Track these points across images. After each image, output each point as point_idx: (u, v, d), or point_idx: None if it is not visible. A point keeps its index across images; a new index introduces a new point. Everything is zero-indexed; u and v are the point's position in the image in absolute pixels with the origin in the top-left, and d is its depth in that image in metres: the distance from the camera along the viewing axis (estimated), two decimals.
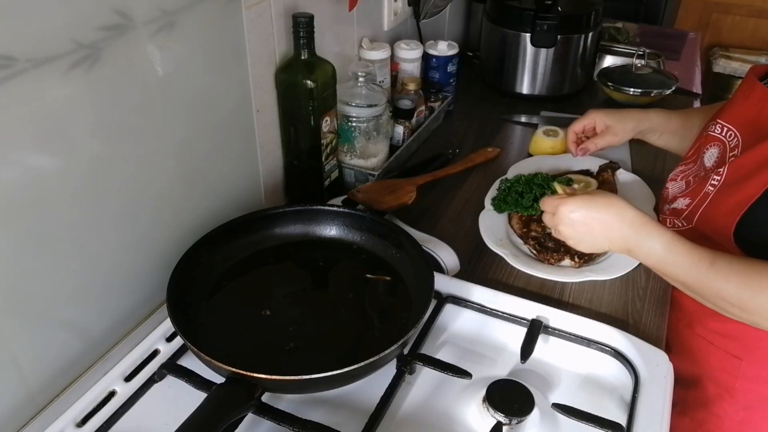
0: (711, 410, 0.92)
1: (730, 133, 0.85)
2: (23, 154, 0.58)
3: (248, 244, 0.84)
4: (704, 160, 0.89)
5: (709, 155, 0.88)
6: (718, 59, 3.04)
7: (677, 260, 0.73)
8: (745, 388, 0.89)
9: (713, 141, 0.88)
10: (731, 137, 0.84)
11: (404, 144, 1.17)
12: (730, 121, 0.86)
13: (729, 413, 0.91)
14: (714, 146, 0.88)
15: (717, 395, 0.91)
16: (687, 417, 0.94)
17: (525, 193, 1.01)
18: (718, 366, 0.91)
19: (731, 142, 0.84)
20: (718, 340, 0.90)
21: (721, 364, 0.90)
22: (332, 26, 1.06)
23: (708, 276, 0.72)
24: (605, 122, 1.08)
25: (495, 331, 0.79)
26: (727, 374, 0.90)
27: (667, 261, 0.74)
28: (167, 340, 0.75)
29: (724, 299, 0.72)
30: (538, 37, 1.35)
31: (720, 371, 0.91)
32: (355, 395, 0.70)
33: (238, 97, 0.87)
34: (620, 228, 0.76)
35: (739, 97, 0.87)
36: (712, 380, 0.92)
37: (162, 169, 0.76)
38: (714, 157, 0.87)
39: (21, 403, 0.65)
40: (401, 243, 0.83)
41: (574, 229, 0.78)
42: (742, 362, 0.88)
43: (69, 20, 0.58)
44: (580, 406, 0.67)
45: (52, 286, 0.65)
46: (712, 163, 0.87)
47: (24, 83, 0.56)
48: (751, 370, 0.88)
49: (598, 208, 0.77)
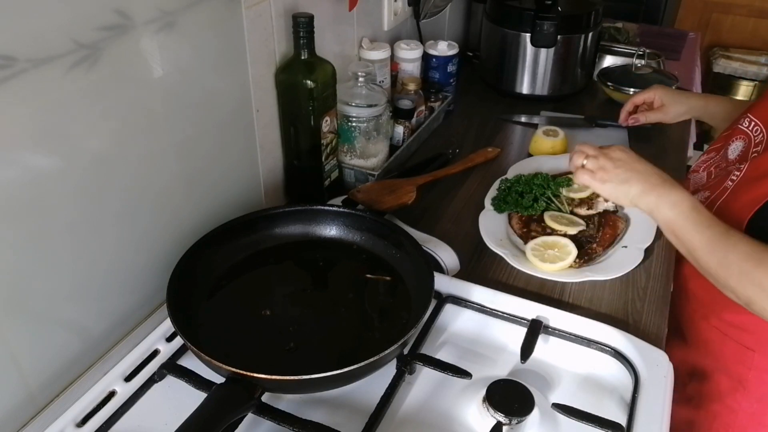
0: (725, 403, 0.94)
1: (757, 128, 0.87)
2: (23, 154, 0.58)
3: (248, 244, 0.84)
4: (728, 152, 0.91)
5: (734, 148, 0.90)
6: (718, 59, 3.04)
7: (698, 218, 0.77)
8: (759, 379, 0.90)
9: (740, 134, 0.91)
10: (757, 132, 0.86)
11: (404, 144, 1.17)
12: (759, 116, 0.88)
13: (743, 405, 0.92)
14: (739, 139, 0.90)
15: (731, 388, 0.93)
16: (702, 410, 0.96)
17: (525, 193, 1.01)
18: (732, 358, 0.92)
19: (756, 137, 0.86)
20: (732, 331, 0.91)
21: (735, 355, 0.91)
22: (332, 26, 1.06)
23: (720, 239, 0.75)
24: (663, 100, 1.15)
25: (495, 331, 0.79)
26: (741, 366, 0.91)
27: (688, 216, 0.77)
28: (167, 340, 0.75)
29: (727, 266, 0.74)
30: (538, 37, 1.35)
31: (734, 363, 0.92)
32: (355, 395, 0.70)
33: (238, 97, 0.87)
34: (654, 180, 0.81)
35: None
36: (726, 373, 0.93)
37: (162, 169, 0.76)
38: (738, 150, 0.89)
39: (21, 403, 0.65)
40: (401, 243, 0.83)
41: (618, 167, 0.83)
42: (755, 354, 0.90)
43: (69, 20, 0.58)
44: (580, 406, 0.67)
45: (52, 285, 0.65)
46: (735, 156, 0.89)
47: (24, 83, 0.56)
48: (764, 362, 0.89)
49: (641, 161, 0.84)
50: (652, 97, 1.18)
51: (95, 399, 0.67)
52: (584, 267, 0.92)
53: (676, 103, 1.15)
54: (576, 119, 1.37)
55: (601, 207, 1.02)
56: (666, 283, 0.91)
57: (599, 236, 0.96)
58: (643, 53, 1.50)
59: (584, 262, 0.92)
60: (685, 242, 0.78)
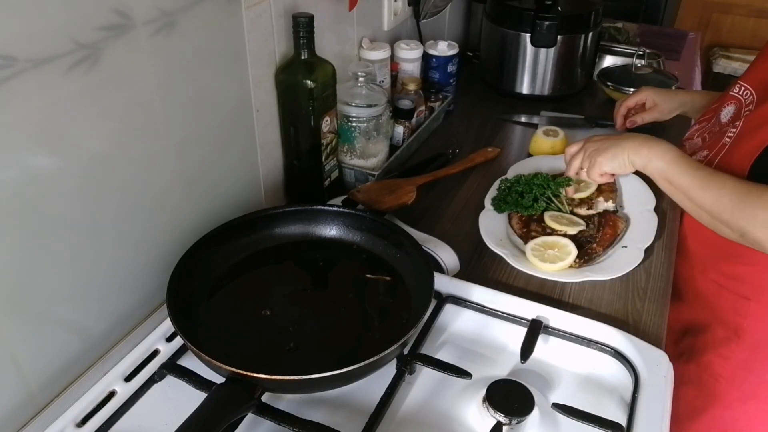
0: (718, 352, 0.98)
1: (747, 92, 0.93)
2: (23, 153, 0.58)
3: (248, 244, 0.84)
4: (720, 117, 0.96)
5: (726, 112, 0.96)
6: (718, 59, 3.04)
7: (687, 162, 0.87)
8: (753, 327, 0.95)
9: (731, 100, 0.97)
10: (747, 95, 0.92)
11: (404, 144, 1.17)
12: (748, 81, 0.95)
13: (735, 353, 0.97)
14: (731, 104, 0.96)
15: (725, 337, 0.98)
16: (693, 363, 1.01)
17: (525, 193, 1.01)
18: (729, 308, 0.97)
19: (747, 99, 0.92)
20: (729, 283, 0.97)
21: (731, 305, 0.97)
22: (332, 26, 1.06)
23: (710, 179, 0.84)
24: (654, 100, 1.19)
25: (495, 331, 0.79)
26: (737, 315, 0.96)
27: (678, 162, 0.87)
28: (167, 340, 0.75)
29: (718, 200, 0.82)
30: (538, 37, 1.35)
31: (730, 313, 0.97)
32: (355, 395, 0.70)
33: (238, 97, 0.87)
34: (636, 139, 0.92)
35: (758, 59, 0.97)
36: (721, 323, 0.99)
37: (162, 168, 0.76)
38: (730, 113, 0.94)
39: (21, 403, 0.65)
40: (401, 243, 0.83)
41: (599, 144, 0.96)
42: (750, 302, 0.95)
43: (69, 20, 0.58)
44: (580, 406, 0.67)
45: (52, 285, 0.65)
46: (728, 119, 0.94)
47: (24, 83, 0.56)
48: (759, 310, 0.94)
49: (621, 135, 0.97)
50: (643, 98, 1.21)
51: (95, 399, 0.67)
52: (584, 267, 0.92)
53: (667, 100, 1.20)
54: (576, 119, 1.37)
55: (601, 207, 1.02)
56: (666, 283, 0.91)
57: (599, 236, 0.96)
58: (643, 53, 1.50)
59: (584, 262, 0.92)
60: (679, 186, 0.86)
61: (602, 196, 1.03)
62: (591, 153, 0.96)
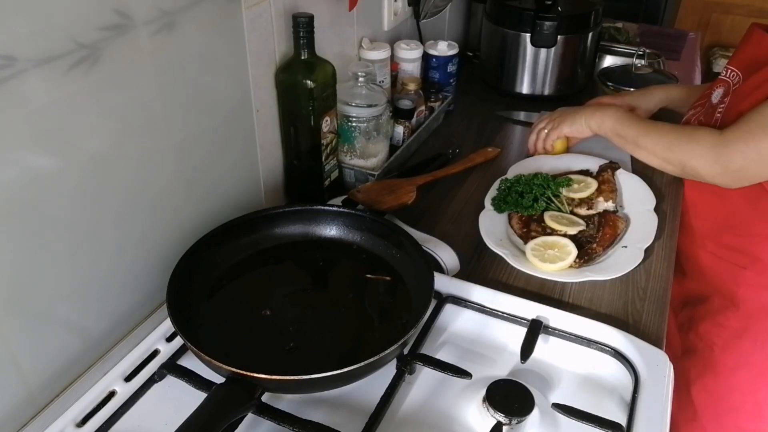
0: (715, 320, 1.03)
1: (734, 73, 1.00)
2: (23, 153, 0.58)
3: (248, 244, 0.84)
4: (711, 99, 1.02)
5: (716, 95, 1.02)
6: (718, 59, 3.04)
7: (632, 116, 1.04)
8: (747, 295, 1.01)
9: (720, 83, 1.02)
10: (734, 77, 0.99)
11: (404, 144, 1.17)
12: (735, 64, 1.00)
13: (730, 320, 1.02)
14: (720, 87, 1.02)
15: (722, 306, 1.02)
16: (692, 332, 1.05)
17: (525, 193, 1.01)
18: (725, 277, 1.03)
19: (734, 80, 0.98)
20: (726, 254, 1.03)
21: (728, 275, 1.03)
22: (332, 26, 1.06)
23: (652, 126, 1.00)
24: (630, 104, 1.20)
25: (495, 331, 0.79)
26: (732, 284, 1.02)
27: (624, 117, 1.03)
28: (167, 340, 0.75)
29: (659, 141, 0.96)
30: (538, 37, 1.35)
31: (726, 282, 1.03)
32: (355, 395, 0.70)
33: (238, 97, 0.87)
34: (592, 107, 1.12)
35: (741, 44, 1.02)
36: (718, 292, 1.05)
37: (162, 169, 0.76)
38: (719, 95, 1.01)
39: (21, 403, 0.65)
40: (401, 243, 0.83)
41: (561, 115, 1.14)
42: (746, 271, 1.01)
43: (69, 20, 0.58)
44: (580, 406, 0.67)
45: (52, 285, 0.65)
46: (718, 100, 1.00)
47: (24, 83, 0.56)
48: (754, 278, 1.00)
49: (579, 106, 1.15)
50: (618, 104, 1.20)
51: (95, 399, 0.67)
52: (584, 267, 0.92)
53: (645, 102, 1.22)
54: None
55: (601, 207, 1.02)
56: (666, 283, 0.91)
57: (599, 236, 0.96)
58: (643, 53, 1.50)
59: (584, 262, 0.92)
60: (628, 136, 1.00)
61: (602, 196, 1.03)
62: (554, 119, 1.13)
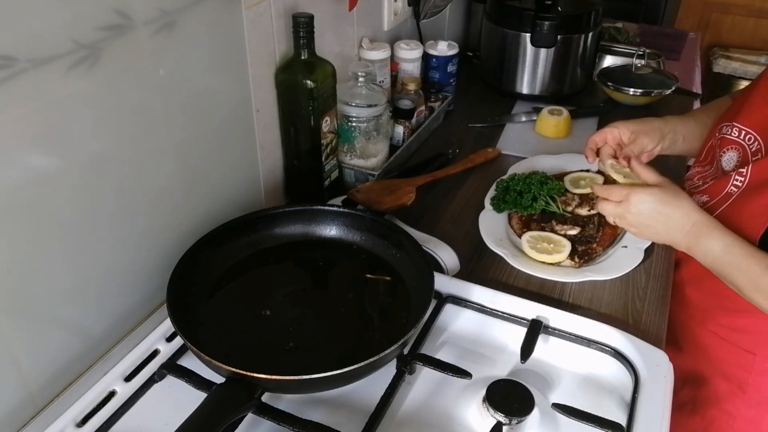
0: (722, 408, 0.93)
1: (750, 136, 0.84)
2: (23, 154, 0.58)
3: (248, 244, 0.84)
4: (722, 164, 0.88)
5: (728, 159, 0.87)
6: (718, 59, 3.04)
7: (734, 261, 0.77)
8: (758, 383, 0.90)
9: (730, 144, 0.87)
10: (751, 141, 0.84)
11: (404, 144, 1.17)
12: (750, 125, 0.85)
13: (741, 410, 0.92)
14: (732, 150, 0.87)
15: (729, 392, 0.92)
16: (698, 416, 0.95)
17: (524, 193, 1.01)
18: (732, 362, 0.91)
19: (752, 146, 0.84)
20: (730, 335, 0.91)
21: (734, 359, 0.91)
22: (332, 26, 1.06)
23: (762, 278, 0.75)
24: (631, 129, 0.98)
25: (495, 331, 0.79)
26: (741, 370, 0.90)
27: (724, 261, 0.78)
28: (167, 340, 0.75)
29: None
30: (538, 37, 1.35)
31: (733, 367, 0.91)
32: (355, 395, 0.70)
33: (238, 97, 0.87)
34: (683, 227, 0.80)
35: (758, 101, 0.85)
36: (724, 377, 0.92)
37: (162, 169, 0.76)
38: (733, 160, 0.86)
39: (21, 403, 0.65)
40: (401, 243, 0.83)
41: (640, 219, 0.82)
42: (755, 357, 0.89)
43: (69, 20, 0.58)
44: (580, 406, 0.67)
45: (52, 285, 0.65)
46: (732, 167, 0.86)
47: (24, 83, 0.56)
48: (764, 365, 0.89)
49: (667, 203, 0.80)
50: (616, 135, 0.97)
51: (95, 399, 0.67)
52: (584, 267, 0.92)
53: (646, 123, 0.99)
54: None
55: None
56: (666, 283, 0.91)
57: (599, 236, 0.96)
58: (643, 53, 1.50)
59: (584, 262, 0.92)
60: (729, 282, 0.79)
61: None
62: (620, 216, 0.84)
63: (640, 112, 1.40)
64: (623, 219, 0.84)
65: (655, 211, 0.81)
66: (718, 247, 0.78)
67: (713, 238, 0.78)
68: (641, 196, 0.81)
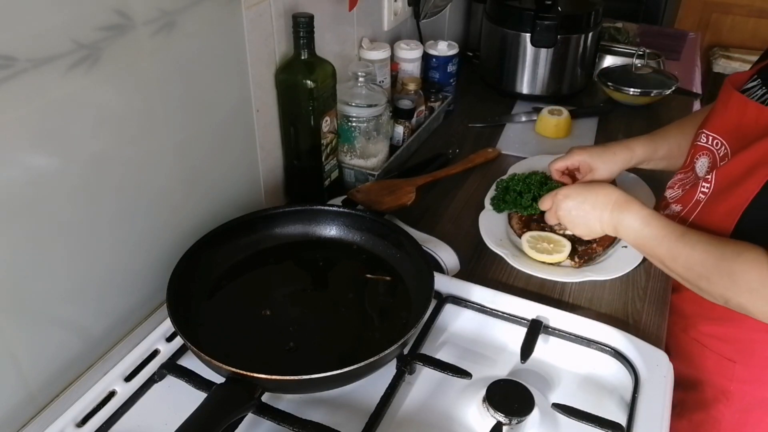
0: (709, 413, 0.93)
1: (717, 141, 0.86)
2: (23, 154, 0.58)
3: (248, 244, 0.84)
4: (696, 170, 0.89)
5: (701, 165, 0.88)
6: (718, 59, 3.04)
7: (652, 233, 0.80)
8: (741, 390, 0.90)
9: (702, 150, 0.88)
10: (718, 146, 0.85)
11: (404, 144, 1.17)
12: (715, 130, 0.86)
13: (726, 416, 0.92)
14: (703, 155, 0.88)
15: (714, 398, 0.92)
16: (685, 419, 0.95)
17: (524, 193, 1.01)
18: (714, 369, 0.91)
19: (719, 152, 0.85)
20: (712, 343, 0.91)
21: (717, 367, 0.91)
22: (332, 26, 1.06)
23: (677, 246, 0.77)
24: (590, 164, 0.99)
25: (495, 331, 0.79)
26: (722, 377, 0.90)
27: (644, 234, 0.81)
28: (167, 340, 0.75)
29: (691, 269, 0.76)
30: (538, 37, 1.35)
31: (715, 374, 0.91)
32: (355, 395, 0.70)
33: (238, 97, 0.87)
34: (606, 208, 0.84)
35: (719, 107, 0.87)
36: (708, 383, 0.92)
37: (162, 169, 0.76)
38: (705, 166, 0.87)
39: (21, 403, 0.65)
40: (401, 243, 0.83)
41: (571, 214, 0.88)
42: (736, 365, 0.89)
43: (69, 20, 0.58)
44: (580, 406, 0.67)
45: (51, 285, 0.65)
46: (704, 173, 0.87)
47: (24, 83, 0.56)
48: (745, 373, 0.89)
49: (589, 191, 0.87)
50: (575, 164, 1.01)
51: (95, 399, 0.67)
52: (584, 267, 0.92)
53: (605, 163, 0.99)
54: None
55: None
56: (666, 283, 0.91)
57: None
58: (643, 53, 1.50)
59: (584, 262, 0.92)
60: (652, 257, 0.82)
61: None
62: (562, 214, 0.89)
63: (640, 112, 1.41)
64: (561, 220, 0.90)
65: (580, 200, 0.86)
66: (637, 221, 0.81)
67: (632, 212, 0.82)
68: (564, 191, 0.89)
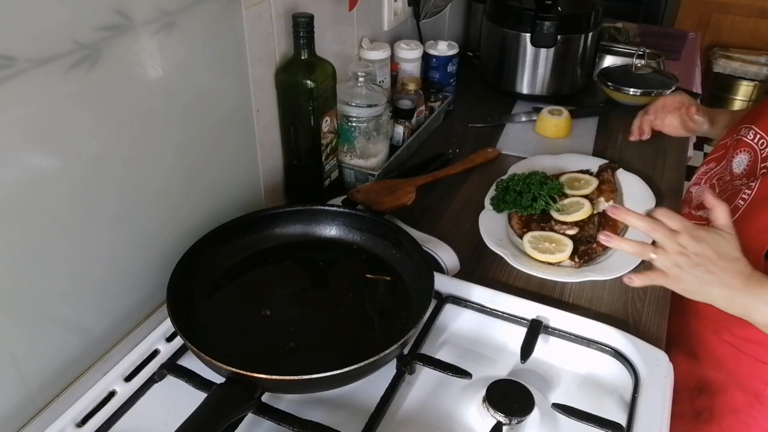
0: (739, 417, 0.91)
1: (763, 141, 0.81)
2: (22, 154, 0.58)
3: (248, 244, 0.84)
4: (732, 165, 0.85)
5: (738, 161, 0.84)
6: (718, 59, 3.04)
7: None
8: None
9: (744, 147, 0.84)
10: (763, 146, 0.81)
11: (404, 144, 1.17)
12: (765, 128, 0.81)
13: (758, 420, 0.90)
14: (744, 152, 0.83)
15: (746, 403, 0.90)
16: (714, 424, 0.93)
17: (524, 193, 1.01)
18: (747, 373, 0.89)
19: (764, 152, 0.80)
20: (745, 346, 0.88)
21: (750, 370, 0.89)
22: (332, 26, 1.06)
23: None
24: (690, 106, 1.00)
25: (495, 331, 0.79)
26: (757, 381, 0.88)
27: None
28: (167, 340, 0.75)
29: None
30: (538, 37, 1.35)
31: (750, 378, 0.89)
32: (355, 395, 0.70)
33: (238, 97, 0.87)
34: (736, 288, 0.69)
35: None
36: (741, 387, 0.91)
37: (161, 168, 0.76)
38: (743, 164, 0.82)
39: (21, 403, 0.65)
40: (401, 243, 0.83)
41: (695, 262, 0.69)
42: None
43: (69, 20, 0.58)
44: (580, 406, 0.67)
45: (51, 285, 0.65)
46: (741, 170, 0.83)
47: (24, 83, 0.56)
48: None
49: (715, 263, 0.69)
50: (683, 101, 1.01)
51: (95, 399, 0.67)
52: (584, 267, 0.92)
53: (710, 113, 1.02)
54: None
55: (601, 207, 1.02)
56: None
57: None
58: (643, 53, 1.50)
59: (584, 262, 0.92)
60: None
61: (602, 196, 1.03)
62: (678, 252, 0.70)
63: None
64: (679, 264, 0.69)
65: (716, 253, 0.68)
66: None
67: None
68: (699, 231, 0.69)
